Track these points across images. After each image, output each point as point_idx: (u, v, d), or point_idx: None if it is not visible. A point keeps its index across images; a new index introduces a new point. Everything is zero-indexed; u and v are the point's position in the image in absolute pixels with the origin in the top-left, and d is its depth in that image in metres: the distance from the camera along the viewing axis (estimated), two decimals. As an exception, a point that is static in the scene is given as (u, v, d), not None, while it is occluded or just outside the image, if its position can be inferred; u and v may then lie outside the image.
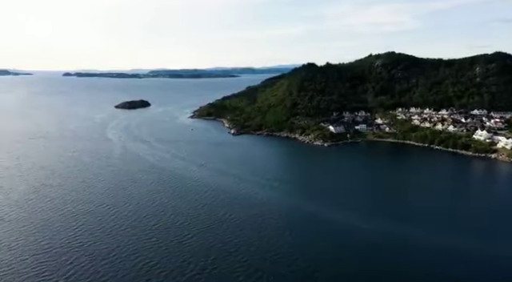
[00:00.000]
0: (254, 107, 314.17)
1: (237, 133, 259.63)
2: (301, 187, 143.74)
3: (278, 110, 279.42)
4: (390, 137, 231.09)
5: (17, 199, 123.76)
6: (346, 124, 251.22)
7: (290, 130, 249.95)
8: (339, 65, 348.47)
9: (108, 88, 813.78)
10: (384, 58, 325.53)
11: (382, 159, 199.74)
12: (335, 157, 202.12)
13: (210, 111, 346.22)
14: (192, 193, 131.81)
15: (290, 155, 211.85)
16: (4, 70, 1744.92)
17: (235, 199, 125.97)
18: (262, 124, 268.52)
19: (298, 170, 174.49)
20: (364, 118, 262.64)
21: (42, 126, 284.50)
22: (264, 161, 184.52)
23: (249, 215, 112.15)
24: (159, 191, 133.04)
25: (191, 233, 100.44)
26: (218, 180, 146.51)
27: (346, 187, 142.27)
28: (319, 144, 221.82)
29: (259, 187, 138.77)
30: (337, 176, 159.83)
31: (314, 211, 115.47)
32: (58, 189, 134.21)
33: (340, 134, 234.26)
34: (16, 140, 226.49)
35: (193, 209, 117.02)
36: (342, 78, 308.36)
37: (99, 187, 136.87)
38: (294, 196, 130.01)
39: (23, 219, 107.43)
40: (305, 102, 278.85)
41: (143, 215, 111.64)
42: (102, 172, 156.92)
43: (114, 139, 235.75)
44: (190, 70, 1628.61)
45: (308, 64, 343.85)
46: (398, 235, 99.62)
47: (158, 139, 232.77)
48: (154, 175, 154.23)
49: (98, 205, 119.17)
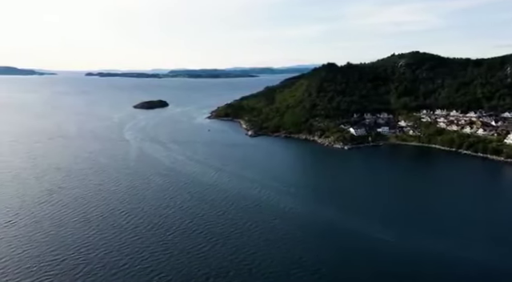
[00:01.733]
0: (272, 108, 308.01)
1: (254, 134, 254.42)
2: (322, 193, 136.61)
3: (297, 112, 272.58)
4: (414, 140, 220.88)
5: (30, 202, 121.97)
6: (367, 126, 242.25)
7: (309, 132, 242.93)
8: (360, 65, 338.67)
9: (128, 88, 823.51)
10: (408, 57, 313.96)
11: (407, 163, 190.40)
12: (356, 161, 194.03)
13: (228, 112, 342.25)
14: (209, 199, 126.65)
15: (309, 158, 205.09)
16: (30, 70, 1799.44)
17: (254, 207, 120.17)
18: (279, 126, 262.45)
19: (317, 174, 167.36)
20: (386, 121, 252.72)
21: (61, 125, 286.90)
22: (282, 164, 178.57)
23: (270, 225, 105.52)
24: (175, 197, 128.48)
25: (208, 244, 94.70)
26: (236, 185, 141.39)
27: (370, 195, 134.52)
28: (339, 147, 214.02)
29: (279, 193, 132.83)
30: (359, 182, 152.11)
31: (337, 222, 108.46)
32: (72, 192, 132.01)
33: (361, 137, 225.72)
34: (35, 140, 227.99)
35: (210, 217, 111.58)
36: (363, 79, 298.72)
37: (113, 191, 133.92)
38: (315, 204, 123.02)
39: (34, 223, 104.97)
40: (324, 103, 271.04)
41: (157, 223, 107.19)
42: (117, 175, 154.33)
43: (130, 140, 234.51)
44: (209, 70, 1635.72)
45: (328, 64, 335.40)
46: (430, 249, 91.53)
47: (174, 140, 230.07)
48: (170, 178, 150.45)
49: (112, 210, 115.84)
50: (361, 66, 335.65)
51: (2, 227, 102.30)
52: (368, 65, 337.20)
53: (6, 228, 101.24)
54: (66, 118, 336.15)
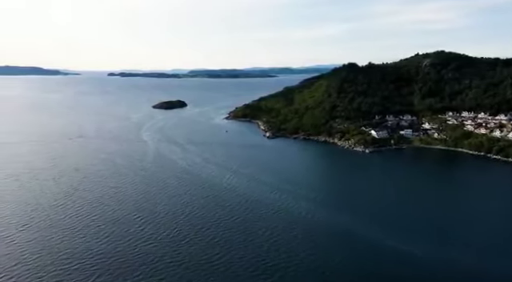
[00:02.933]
0: (290, 109, 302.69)
1: (272, 136, 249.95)
2: (343, 199, 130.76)
3: (316, 113, 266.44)
4: (440, 144, 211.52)
5: (46, 204, 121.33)
6: (389, 129, 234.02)
7: (329, 135, 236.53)
8: (382, 65, 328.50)
9: (148, 88, 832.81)
10: (433, 57, 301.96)
11: (432, 168, 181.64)
12: (378, 165, 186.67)
13: (246, 113, 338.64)
14: (226, 205, 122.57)
15: (328, 161, 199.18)
16: (55, 71, 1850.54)
17: (273, 214, 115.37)
18: (298, 127, 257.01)
19: (338, 179, 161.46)
20: (409, 123, 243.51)
21: (81, 125, 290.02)
22: (301, 168, 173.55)
23: (290, 235, 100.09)
24: (191, 202, 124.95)
25: (225, 254, 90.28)
26: (254, 189, 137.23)
27: (393, 202, 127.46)
28: (360, 150, 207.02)
29: (298, 198, 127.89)
30: (381, 188, 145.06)
31: (360, 233, 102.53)
32: (87, 195, 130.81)
33: (383, 140, 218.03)
34: (55, 140, 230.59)
35: (227, 224, 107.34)
36: (385, 79, 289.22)
37: (129, 195, 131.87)
38: (336, 212, 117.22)
39: (48, 228, 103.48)
40: (345, 105, 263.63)
41: (173, 230, 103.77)
42: (134, 177, 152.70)
43: (148, 141, 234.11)
44: (228, 70, 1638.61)
45: (349, 64, 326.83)
46: (460, 264, 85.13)
47: (191, 141, 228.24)
48: (186, 182, 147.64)
49: (126, 215, 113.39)
50: (383, 66, 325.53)
51: (18, 231, 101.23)
52: (390, 65, 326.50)
53: (20, 232, 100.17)
54: (85, 117, 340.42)
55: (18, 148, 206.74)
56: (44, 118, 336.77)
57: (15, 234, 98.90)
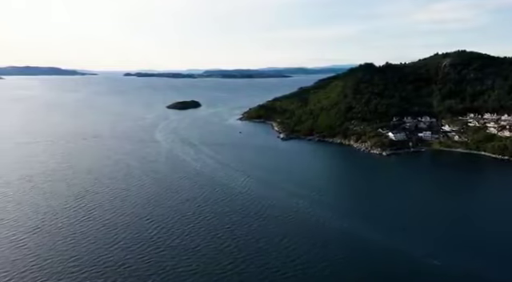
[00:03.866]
0: (305, 110, 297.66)
1: (286, 138, 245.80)
2: (359, 205, 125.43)
3: (331, 114, 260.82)
4: (460, 147, 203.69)
5: (57, 206, 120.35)
6: (407, 131, 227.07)
7: (344, 137, 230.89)
8: (400, 65, 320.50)
9: (163, 88, 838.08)
10: (453, 57, 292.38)
11: (453, 172, 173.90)
12: (396, 168, 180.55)
13: (260, 113, 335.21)
14: (239, 209, 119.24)
15: (344, 164, 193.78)
16: (73, 71, 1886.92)
17: (288, 220, 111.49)
18: (313, 129, 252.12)
19: (354, 183, 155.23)
20: (429, 125, 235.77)
21: (96, 125, 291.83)
22: (316, 171, 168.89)
23: (307, 245, 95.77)
24: (203, 207, 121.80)
25: (237, 263, 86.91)
26: (267, 193, 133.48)
27: (413, 208, 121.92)
28: (377, 153, 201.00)
29: (313, 203, 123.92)
30: (400, 193, 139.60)
31: (377, 240, 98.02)
32: (99, 197, 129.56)
33: (401, 142, 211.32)
34: (70, 140, 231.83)
35: (241, 231, 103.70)
36: (403, 80, 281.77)
37: (141, 198, 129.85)
38: (352, 218, 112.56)
39: (58, 231, 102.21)
40: (361, 106, 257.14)
41: (184, 234, 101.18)
42: (146, 179, 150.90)
43: (161, 141, 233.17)
44: (243, 71, 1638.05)
45: (365, 64, 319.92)
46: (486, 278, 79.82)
47: (204, 142, 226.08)
48: (199, 184, 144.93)
49: (137, 219, 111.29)
50: (400, 66, 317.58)
51: (28, 233, 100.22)
52: (408, 65, 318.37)
53: (30, 235, 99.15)
54: (101, 117, 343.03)
55: (34, 148, 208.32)
56: (60, 117, 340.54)
57: (26, 238, 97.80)
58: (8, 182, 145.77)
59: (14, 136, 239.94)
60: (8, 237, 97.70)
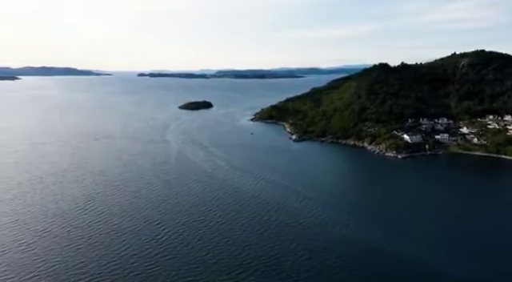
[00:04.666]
0: (318, 111, 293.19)
1: (298, 139, 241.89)
2: (374, 211, 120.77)
3: (345, 115, 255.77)
4: (479, 150, 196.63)
5: (66, 208, 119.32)
6: (423, 133, 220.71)
7: (358, 138, 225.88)
8: (416, 65, 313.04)
9: (175, 88, 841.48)
10: (471, 56, 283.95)
11: (472, 176, 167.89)
12: (412, 172, 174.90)
13: (272, 114, 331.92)
14: (250, 214, 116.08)
15: (358, 167, 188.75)
16: (88, 71, 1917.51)
17: (300, 226, 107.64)
18: (326, 130, 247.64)
19: (368, 187, 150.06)
20: (446, 127, 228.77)
21: (108, 126, 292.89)
22: (329, 174, 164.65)
23: (323, 253, 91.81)
24: (214, 210, 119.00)
25: (249, 272, 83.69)
26: (279, 197, 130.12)
27: (430, 215, 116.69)
28: (392, 155, 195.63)
29: (326, 208, 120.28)
30: (416, 198, 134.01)
31: (393, 250, 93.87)
32: (108, 200, 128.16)
33: (417, 145, 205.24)
34: (82, 140, 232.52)
35: (251, 237, 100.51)
36: (419, 80, 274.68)
37: (150, 200, 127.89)
38: (368, 225, 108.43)
39: (66, 234, 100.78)
40: (375, 107, 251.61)
41: (194, 240, 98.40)
42: (156, 182, 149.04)
43: (172, 142, 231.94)
44: (255, 71, 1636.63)
45: (379, 64, 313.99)
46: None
47: (215, 144, 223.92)
48: (209, 187, 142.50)
49: (146, 223, 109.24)
50: (416, 66, 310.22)
51: (36, 237, 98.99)
52: (425, 65, 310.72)
53: (39, 238, 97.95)
54: (113, 117, 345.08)
55: (47, 148, 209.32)
56: (73, 117, 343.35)
57: (33, 241, 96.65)
58: (20, 182, 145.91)
59: (29, 136, 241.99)
60: (16, 240, 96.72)
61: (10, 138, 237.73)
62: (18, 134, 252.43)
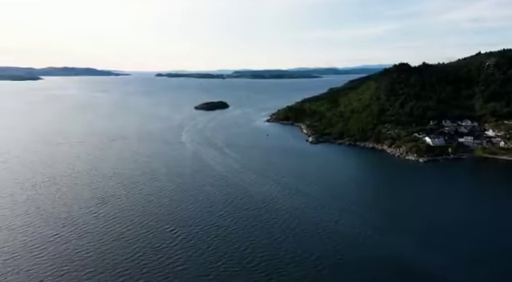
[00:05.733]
0: (335, 112, 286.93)
1: (315, 141, 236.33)
2: (396, 219, 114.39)
3: (363, 117, 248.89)
4: (507, 154, 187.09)
5: (79, 212, 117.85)
6: (446, 135, 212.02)
7: (377, 141, 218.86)
8: (438, 65, 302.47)
9: (192, 88, 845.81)
10: (497, 56, 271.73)
11: (499, 182, 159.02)
12: (435, 177, 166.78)
13: (288, 115, 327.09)
14: (265, 221, 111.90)
15: (378, 171, 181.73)
16: (108, 71, 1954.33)
17: (318, 234, 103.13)
18: (343, 132, 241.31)
19: (390, 193, 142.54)
20: (470, 129, 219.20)
21: (124, 126, 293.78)
22: (347, 178, 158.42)
23: (342, 266, 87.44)
24: (227, 217, 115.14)
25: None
26: (296, 203, 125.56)
27: (456, 225, 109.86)
28: (413, 159, 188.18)
29: (345, 215, 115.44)
30: (441, 206, 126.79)
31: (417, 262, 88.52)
32: (121, 203, 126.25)
33: (439, 148, 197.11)
34: (98, 141, 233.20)
35: (267, 246, 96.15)
36: (441, 81, 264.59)
37: (163, 205, 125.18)
38: (390, 235, 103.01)
39: (77, 239, 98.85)
40: (395, 108, 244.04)
41: (206, 247, 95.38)
42: (169, 185, 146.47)
43: (187, 143, 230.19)
44: (272, 71, 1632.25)
45: (400, 64, 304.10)
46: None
47: (230, 145, 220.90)
48: (223, 192, 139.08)
49: (158, 228, 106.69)
50: (438, 66, 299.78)
51: (46, 242, 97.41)
52: (448, 65, 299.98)
53: (48, 244, 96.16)
54: (129, 118, 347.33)
55: (63, 149, 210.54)
56: (91, 118, 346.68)
57: (43, 246, 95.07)
58: (34, 184, 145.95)
59: (48, 137, 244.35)
60: (26, 244, 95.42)
61: (28, 138, 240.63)
62: (36, 134, 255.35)
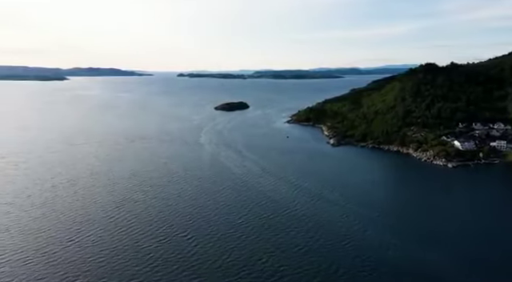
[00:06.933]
0: (358, 114, 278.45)
1: (337, 144, 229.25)
2: (429, 231, 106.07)
3: (388, 119, 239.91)
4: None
5: (95, 215, 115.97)
6: (477, 139, 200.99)
7: (402, 144, 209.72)
8: (467, 65, 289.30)
9: (212, 88, 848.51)
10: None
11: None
12: (466, 183, 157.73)
13: (309, 116, 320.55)
14: (285, 229, 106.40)
15: (403, 176, 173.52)
16: (131, 72, 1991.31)
17: (342, 244, 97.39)
18: (366, 134, 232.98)
19: (417, 201, 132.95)
20: (503, 133, 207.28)
21: (144, 127, 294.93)
22: (371, 184, 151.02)
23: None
24: (245, 224, 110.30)
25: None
26: (317, 211, 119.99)
27: (492, 238, 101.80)
28: (441, 164, 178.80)
29: (370, 224, 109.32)
30: (474, 216, 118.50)
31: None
32: (137, 207, 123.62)
33: (469, 152, 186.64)
34: (117, 141, 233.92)
35: (288, 256, 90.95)
36: (471, 81, 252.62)
37: (180, 209, 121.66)
38: (420, 247, 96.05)
39: (91, 246, 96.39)
40: (421, 110, 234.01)
41: (224, 256, 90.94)
42: (187, 188, 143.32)
43: (205, 145, 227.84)
44: (294, 71, 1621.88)
45: (426, 64, 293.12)
46: None
47: (249, 147, 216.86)
48: (242, 196, 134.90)
49: (175, 234, 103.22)
50: (468, 66, 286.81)
51: (61, 247, 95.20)
52: (477, 65, 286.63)
53: (63, 250, 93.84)
54: (149, 118, 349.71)
55: (84, 149, 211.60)
56: (112, 118, 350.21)
57: (58, 252, 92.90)
58: (54, 185, 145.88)
59: (70, 137, 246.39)
60: (39, 250, 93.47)
61: (50, 138, 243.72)
62: (58, 134, 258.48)
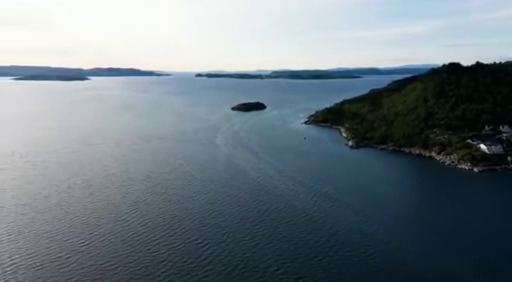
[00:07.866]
0: (377, 115, 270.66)
1: (355, 146, 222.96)
2: (451, 240, 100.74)
3: (409, 120, 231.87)
4: None
5: (108, 219, 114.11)
6: (505, 142, 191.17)
7: (424, 147, 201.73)
8: (494, 65, 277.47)
9: (229, 89, 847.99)
10: None
11: None
12: (493, 190, 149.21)
13: (327, 117, 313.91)
14: (302, 237, 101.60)
15: (427, 181, 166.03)
16: (150, 72, 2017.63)
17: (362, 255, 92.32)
18: (386, 136, 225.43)
19: (443, 208, 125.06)
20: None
21: (161, 127, 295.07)
22: (393, 189, 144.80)
23: None
24: (261, 231, 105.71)
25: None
26: (335, 217, 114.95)
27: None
28: (466, 168, 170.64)
29: (390, 232, 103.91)
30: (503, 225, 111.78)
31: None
32: (150, 211, 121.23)
33: (496, 156, 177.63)
34: (134, 142, 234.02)
35: (306, 267, 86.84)
36: (497, 82, 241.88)
37: (194, 214, 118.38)
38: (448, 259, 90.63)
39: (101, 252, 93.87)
40: (445, 112, 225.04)
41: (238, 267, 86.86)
42: (202, 191, 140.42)
43: (221, 146, 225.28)
44: (311, 71, 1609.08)
45: (450, 64, 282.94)
46: None
47: (265, 148, 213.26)
48: (258, 200, 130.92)
49: (188, 241, 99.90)
50: (494, 65, 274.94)
51: (74, 251, 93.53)
52: (505, 64, 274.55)
53: (75, 254, 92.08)
54: (166, 118, 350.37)
55: (100, 149, 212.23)
56: (129, 118, 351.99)
57: (69, 256, 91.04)
58: (70, 186, 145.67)
59: (88, 137, 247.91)
60: (51, 254, 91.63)
61: (70, 137, 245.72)
62: (76, 134, 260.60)
